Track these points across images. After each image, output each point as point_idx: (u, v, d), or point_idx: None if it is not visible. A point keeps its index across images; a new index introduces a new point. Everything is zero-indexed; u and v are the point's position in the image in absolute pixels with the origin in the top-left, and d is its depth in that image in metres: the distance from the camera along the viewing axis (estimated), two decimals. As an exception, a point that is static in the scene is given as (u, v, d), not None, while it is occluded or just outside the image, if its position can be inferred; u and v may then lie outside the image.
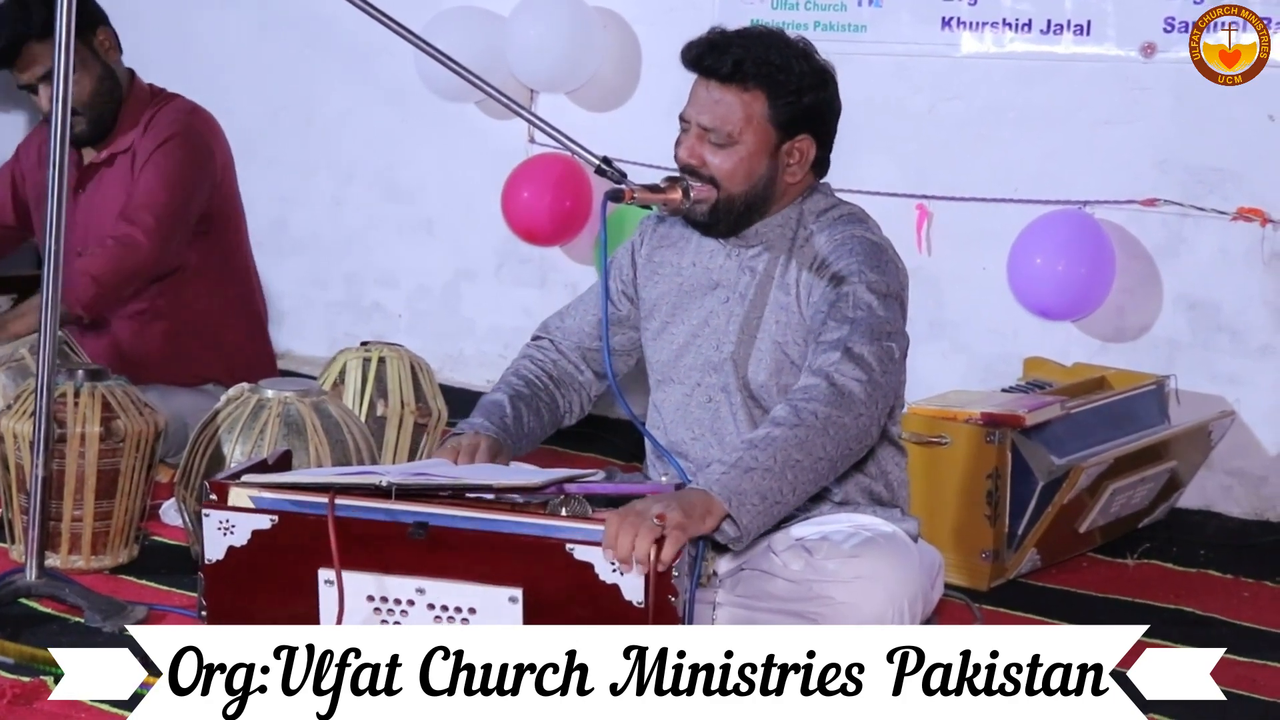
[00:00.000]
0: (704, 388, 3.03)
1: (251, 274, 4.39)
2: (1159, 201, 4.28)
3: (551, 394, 3.18)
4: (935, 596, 3.02)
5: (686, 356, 3.06)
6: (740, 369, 2.98)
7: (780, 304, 2.96)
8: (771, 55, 2.92)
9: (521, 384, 3.16)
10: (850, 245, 2.92)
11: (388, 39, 3.46)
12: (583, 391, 3.23)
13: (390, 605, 2.63)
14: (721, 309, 3.02)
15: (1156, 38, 4.25)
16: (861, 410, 2.77)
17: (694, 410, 3.05)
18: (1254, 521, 4.22)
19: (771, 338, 2.96)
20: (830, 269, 2.90)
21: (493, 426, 3.05)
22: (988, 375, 4.49)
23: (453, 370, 5.40)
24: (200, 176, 4.12)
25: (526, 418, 3.11)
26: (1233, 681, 3.08)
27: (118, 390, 3.40)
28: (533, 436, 3.13)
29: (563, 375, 3.22)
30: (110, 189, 4.12)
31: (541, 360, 3.22)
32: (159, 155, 4.06)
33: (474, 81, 3.32)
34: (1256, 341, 4.23)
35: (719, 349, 3.01)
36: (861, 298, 2.85)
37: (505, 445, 3.04)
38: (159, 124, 4.10)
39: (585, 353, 3.22)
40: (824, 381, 2.77)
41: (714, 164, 2.95)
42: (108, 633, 3.06)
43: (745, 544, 2.72)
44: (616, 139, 4.48)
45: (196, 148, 4.12)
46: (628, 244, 3.21)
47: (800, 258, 2.96)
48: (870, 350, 2.80)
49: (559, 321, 3.27)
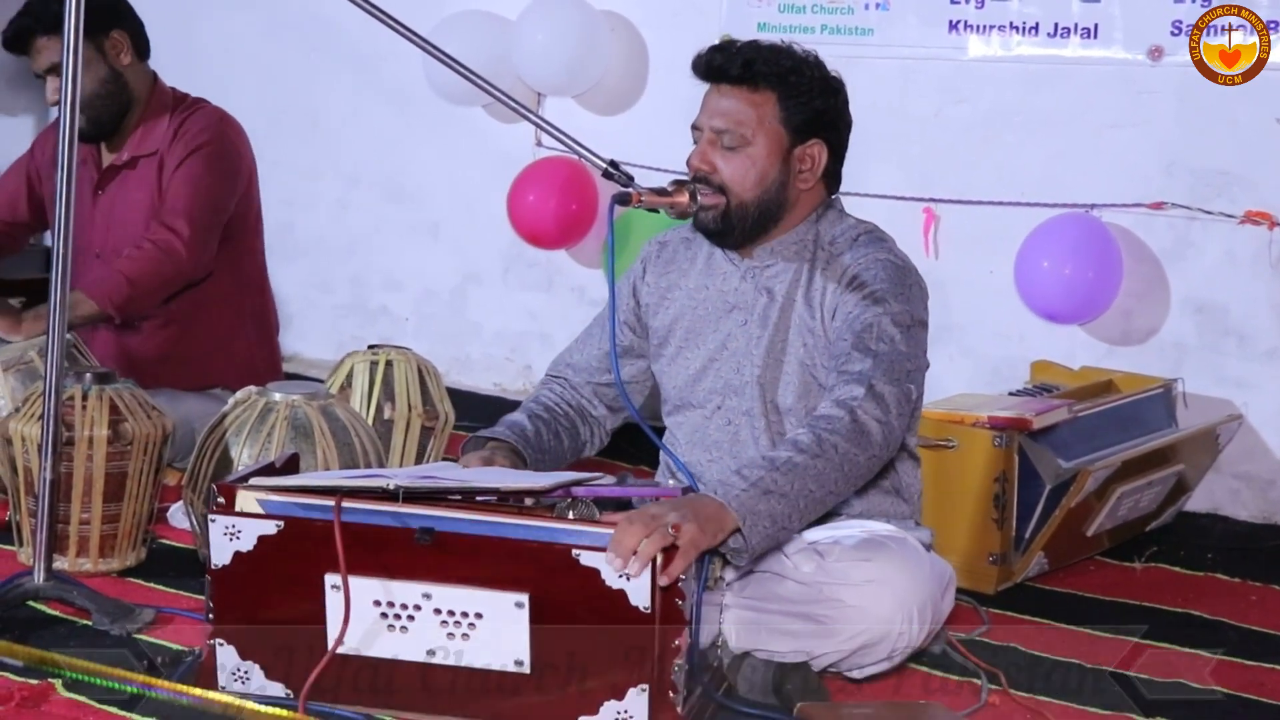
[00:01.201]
0: (725, 411, 3.04)
1: (265, 281, 4.40)
2: (1166, 205, 4.27)
3: (573, 420, 3.19)
4: (946, 608, 3.02)
5: (705, 380, 3.06)
6: (768, 392, 2.98)
7: (806, 326, 2.96)
8: (782, 58, 2.94)
9: (540, 409, 3.17)
10: (875, 270, 2.93)
11: (394, 42, 3.46)
12: (599, 426, 3.24)
13: (397, 610, 2.62)
14: (740, 331, 3.02)
15: (1164, 41, 4.24)
16: (875, 451, 2.81)
17: (712, 433, 3.05)
18: (1262, 525, 4.22)
19: (798, 360, 2.97)
20: (859, 290, 2.90)
21: (512, 435, 3.06)
22: (995, 379, 4.49)
23: (459, 373, 5.40)
24: (231, 185, 4.13)
25: (545, 435, 3.11)
26: (1240, 685, 3.08)
27: (126, 393, 3.40)
28: (553, 455, 3.13)
29: (580, 409, 3.22)
30: (134, 192, 4.13)
31: (559, 394, 3.23)
32: (193, 161, 4.07)
33: (481, 85, 3.32)
34: (1264, 345, 4.23)
35: (740, 372, 3.01)
36: (886, 330, 2.86)
37: (522, 455, 3.04)
38: (190, 130, 4.10)
39: (597, 388, 3.23)
40: (847, 415, 2.78)
41: (726, 170, 2.95)
42: (115, 635, 3.05)
43: (746, 560, 2.73)
44: (623, 142, 4.49)
45: (228, 155, 4.13)
46: (628, 274, 3.20)
47: (822, 278, 2.95)
48: (891, 391, 2.82)
49: (568, 358, 3.27)
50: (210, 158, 4.08)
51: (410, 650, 2.63)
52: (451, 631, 2.61)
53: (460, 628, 2.61)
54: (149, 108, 4.14)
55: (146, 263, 3.98)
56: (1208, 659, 3.23)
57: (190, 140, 4.09)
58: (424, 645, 2.63)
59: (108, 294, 3.93)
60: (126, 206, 4.13)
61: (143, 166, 4.12)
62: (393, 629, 2.63)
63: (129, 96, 4.12)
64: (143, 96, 4.14)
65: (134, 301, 3.99)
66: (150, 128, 4.13)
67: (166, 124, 4.12)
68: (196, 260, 4.04)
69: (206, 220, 4.06)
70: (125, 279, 3.96)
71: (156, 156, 4.11)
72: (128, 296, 3.96)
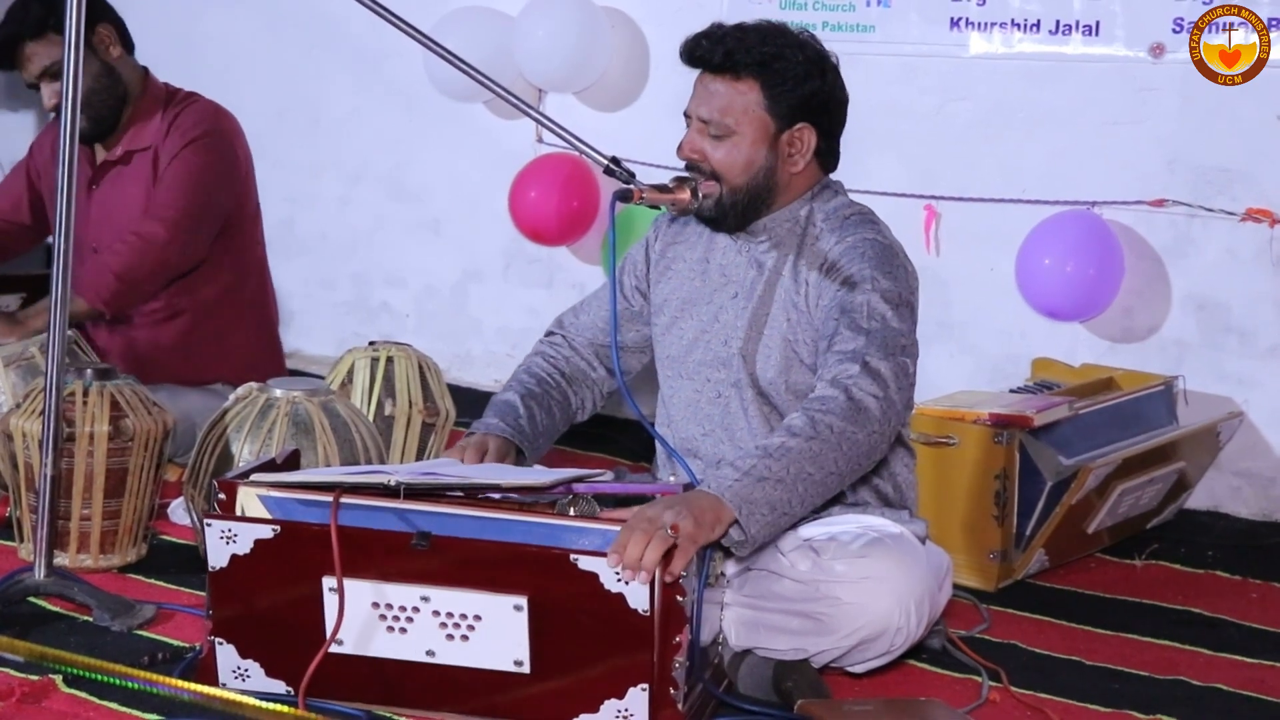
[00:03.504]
0: (713, 384, 3.04)
1: (266, 276, 4.40)
2: (1167, 202, 4.27)
3: (564, 390, 3.19)
4: (943, 599, 3.02)
5: (696, 352, 3.06)
6: (749, 365, 2.98)
7: (790, 301, 2.96)
8: (765, 45, 2.93)
9: (533, 382, 3.17)
10: (862, 249, 2.92)
11: (395, 39, 3.46)
12: (595, 388, 3.24)
13: (395, 613, 2.62)
14: (730, 304, 3.03)
15: (1165, 38, 4.24)
16: (875, 427, 2.78)
17: (704, 406, 3.05)
18: (1262, 522, 4.22)
19: (780, 334, 2.96)
20: (842, 273, 2.90)
21: (507, 427, 3.06)
22: (996, 376, 4.48)
23: (460, 370, 5.40)
24: (226, 177, 4.13)
25: (539, 416, 3.12)
26: (1241, 683, 3.08)
27: (126, 389, 3.40)
28: (547, 434, 3.14)
29: (575, 372, 3.22)
30: (128, 187, 4.13)
31: (554, 357, 3.23)
32: (187, 154, 4.06)
33: (482, 81, 3.32)
34: (1265, 342, 4.23)
35: (727, 344, 3.02)
36: (876, 308, 2.85)
37: (517, 445, 3.05)
38: (184, 124, 4.10)
39: (598, 349, 3.23)
40: (842, 394, 2.77)
41: (714, 157, 2.96)
42: (116, 631, 3.05)
43: (749, 551, 2.73)
44: (624, 139, 4.49)
45: (222, 148, 4.13)
46: (642, 240, 3.23)
47: (809, 257, 2.96)
48: (886, 366, 2.80)
49: (573, 317, 3.28)
50: (204, 150, 4.08)
51: (409, 651, 2.63)
52: (450, 633, 2.61)
53: (459, 629, 2.61)
54: (142, 102, 4.14)
55: (130, 256, 3.98)
56: (1208, 656, 3.23)
57: (185, 133, 4.08)
58: (423, 646, 2.62)
59: (96, 290, 3.94)
60: (121, 202, 4.12)
61: (137, 162, 4.12)
62: (391, 630, 2.63)
63: (123, 89, 4.11)
64: (135, 89, 4.14)
65: (122, 296, 3.99)
66: (144, 123, 4.12)
67: (160, 118, 4.12)
68: (181, 250, 4.03)
69: (195, 211, 4.05)
70: (112, 274, 3.96)
71: (150, 151, 4.10)
72: (115, 291, 3.97)
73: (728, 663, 2.89)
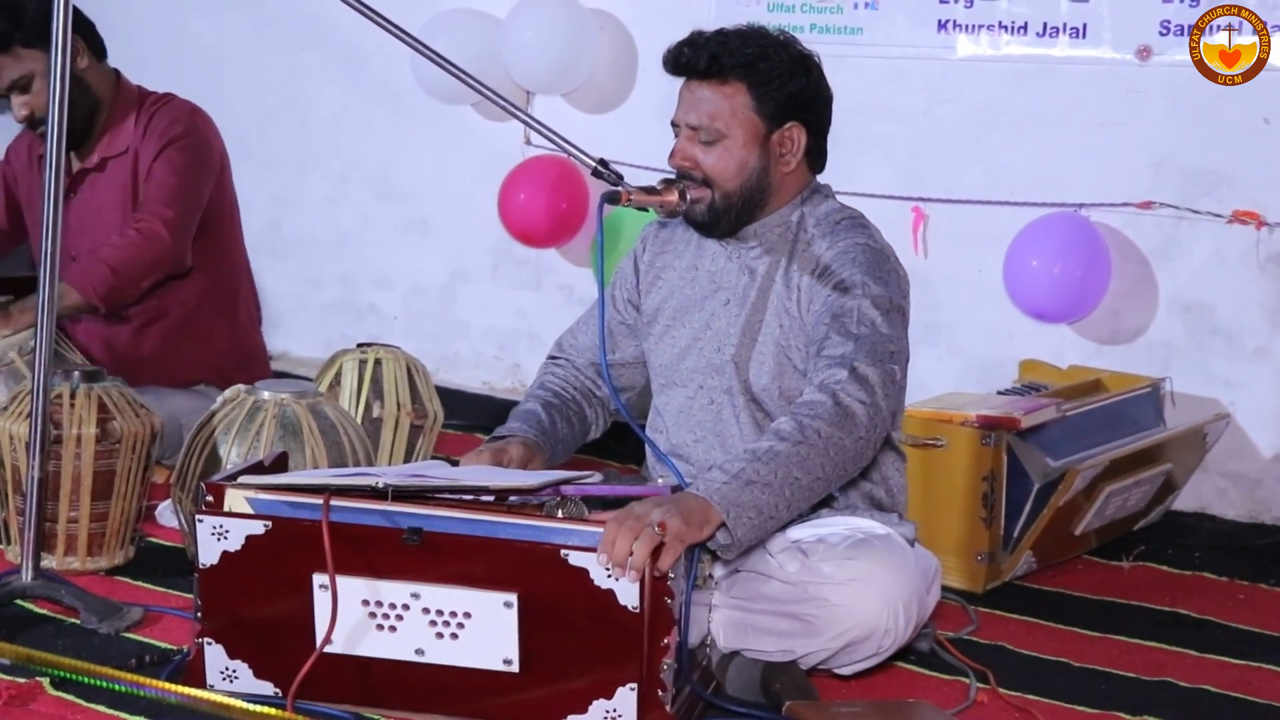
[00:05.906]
0: (706, 390, 3.04)
1: (245, 275, 4.38)
2: (1154, 204, 4.28)
3: (579, 404, 3.20)
4: (931, 601, 3.02)
5: (688, 359, 3.06)
6: (742, 371, 2.99)
7: (783, 307, 2.96)
8: (748, 47, 2.94)
9: (550, 395, 3.18)
10: (853, 254, 2.92)
11: (383, 40, 3.46)
12: (603, 405, 3.25)
13: (385, 610, 2.62)
14: (723, 311, 3.03)
15: (1152, 40, 4.25)
16: (862, 434, 2.79)
17: (696, 413, 3.05)
18: (1249, 524, 4.22)
19: (774, 340, 2.97)
20: (833, 278, 2.90)
21: (531, 430, 3.06)
22: (983, 378, 4.49)
23: (448, 372, 5.40)
24: (206, 176, 4.12)
25: (560, 424, 3.12)
26: (1228, 684, 3.08)
27: (114, 391, 3.39)
28: (566, 443, 3.15)
29: (585, 391, 3.23)
30: (105, 193, 4.11)
31: (564, 376, 3.23)
32: (171, 152, 4.05)
33: (470, 83, 3.32)
34: (1252, 344, 4.24)
35: (720, 351, 3.02)
36: (866, 313, 2.85)
37: (541, 449, 3.04)
38: (160, 124, 4.08)
39: (599, 368, 3.23)
40: (830, 399, 2.77)
41: (706, 163, 2.96)
42: (104, 634, 3.05)
43: (735, 554, 2.73)
44: (612, 141, 4.49)
45: (201, 147, 4.12)
46: (630, 252, 3.23)
47: (801, 262, 2.96)
48: (874, 373, 2.81)
49: (571, 339, 3.28)
50: (185, 149, 4.07)
51: (398, 649, 2.63)
52: (440, 631, 2.61)
53: (449, 627, 2.61)
54: (115, 108, 4.11)
55: (131, 249, 3.97)
56: (1195, 657, 3.24)
57: (162, 134, 4.07)
58: (412, 644, 2.62)
59: (92, 284, 3.91)
60: (98, 209, 4.11)
61: (112, 168, 4.10)
62: (381, 628, 2.63)
63: (93, 99, 4.08)
64: (107, 97, 4.11)
65: (118, 290, 3.98)
66: (118, 128, 4.10)
67: (134, 121, 4.10)
68: (180, 246, 4.03)
69: (187, 208, 4.04)
70: (109, 268, 3.94)
71: (128, 154, 4.08)
72: (111, 285, 3.95)
73: (716, 664, 2.89)
